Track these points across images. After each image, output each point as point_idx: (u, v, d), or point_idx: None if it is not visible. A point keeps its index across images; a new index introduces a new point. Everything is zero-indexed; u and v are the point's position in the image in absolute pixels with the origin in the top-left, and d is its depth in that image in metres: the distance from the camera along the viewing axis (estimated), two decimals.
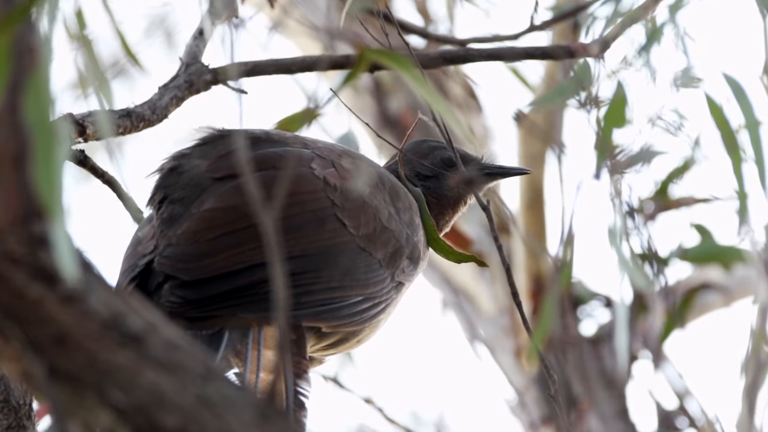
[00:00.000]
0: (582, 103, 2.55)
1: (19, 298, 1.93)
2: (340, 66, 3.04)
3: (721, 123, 2.58)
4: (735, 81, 2.61)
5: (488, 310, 5.89)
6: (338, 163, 2.79)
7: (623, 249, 2.43)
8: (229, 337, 2.63)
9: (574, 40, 4.77)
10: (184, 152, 2.80)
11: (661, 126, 2.70)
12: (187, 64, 3.16)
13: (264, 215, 2.03)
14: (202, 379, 1.96)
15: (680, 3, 2.62)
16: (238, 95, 3.09)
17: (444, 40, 3.82)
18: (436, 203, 3.00)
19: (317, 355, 2.83)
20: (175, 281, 2.63)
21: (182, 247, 2.66)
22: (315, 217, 2.71)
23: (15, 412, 2.88)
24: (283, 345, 2.46)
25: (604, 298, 5.83)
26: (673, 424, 5.55)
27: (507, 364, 5.84)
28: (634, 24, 2.73)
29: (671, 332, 5.35)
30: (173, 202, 2.73)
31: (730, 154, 2.55)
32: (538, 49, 3.19)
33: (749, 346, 3.00)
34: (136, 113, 3.06)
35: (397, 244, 2.81)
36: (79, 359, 1.94)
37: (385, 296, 2.79)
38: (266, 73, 3.16)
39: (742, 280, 5.70)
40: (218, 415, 1.95)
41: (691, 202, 5.40)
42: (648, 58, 2.56)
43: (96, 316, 1.95)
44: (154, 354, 1.95)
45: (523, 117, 5.21)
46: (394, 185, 2.88)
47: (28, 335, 1.93)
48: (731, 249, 5.28)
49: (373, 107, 5.91)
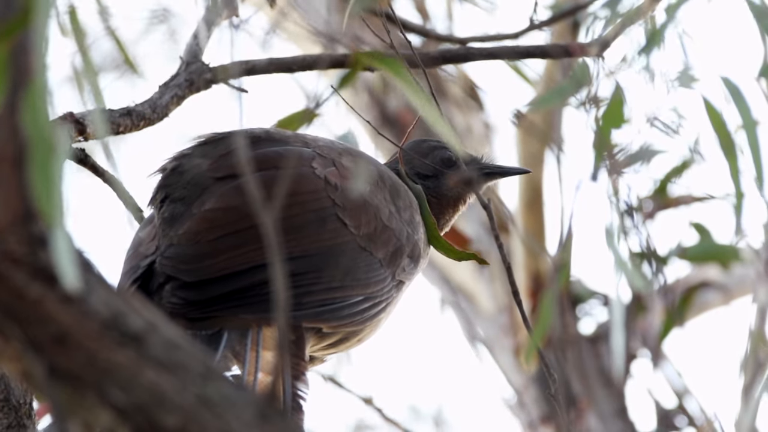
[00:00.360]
0: (581, 102, 2.56)
1: (19, 297, 1.93)
2: (340, 65, 3.04)
3: (718, 126, 2.59)
4: (732, 83, 2.61)
5: (487, 309, 5.89)
6: (339, 162, 2.78)
7: (620, 249, 2.43)
8: (228, 337, 2.63)
9: (573, 39, 4.78)
10: (186, 152, 2.79)
11: (660, 125, 2.70)
12: (188, 63, 3.16)
13: (264, 215, 2.03)
14: (203, 378, 1.96)
15: (679, 3, 2.62)
16: (238, 94, 3.09)
17: (444, 39, 3.82)
18: (436, 203, 3.00)
19: (318, 354, 2.83)
20: (176, 282, 2.63)
21: (183, 247, 2.65)
22: (316, 217, 2.70)
23: (15, 411, 2.88)
24: (282, 346, 2.45)
25: (603, 296, 5.83)
26: (672, 422, 5.55)
27: (506, 363, 5.84)
28: (633, 24, 2.73)
29: (670, 331, 5.35)
30: (174, 201, 2.73)
31: (727, 157, 2.55)
32: (538, 48, 3.19)
33: (748, 345, 3.00)
34: (136, 112, 3.06)
35: (398, 242, 2.80)
36: (79, 359, 1.94)
37: (386, 295, 2.78)
38: (266, 72, 3.16)
39: (741, 279, 5.70)
40: (218, 415, 1.95)
41: (689, 201, 5.40)
42: (647, 59, 2.57)
43: (96, 316, 1.95)
44: (154, 353, 1.95)
45: (522, 117, 5.21)
46: (395, 183, 2.88)
47: (28, 335, 1.93)
48: (730, 248, 5.28)
49: (372, 106, 5.91)
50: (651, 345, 5.42)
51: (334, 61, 3.07)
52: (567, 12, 3.56)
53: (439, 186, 3.01)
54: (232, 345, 2.63)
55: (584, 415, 5.66)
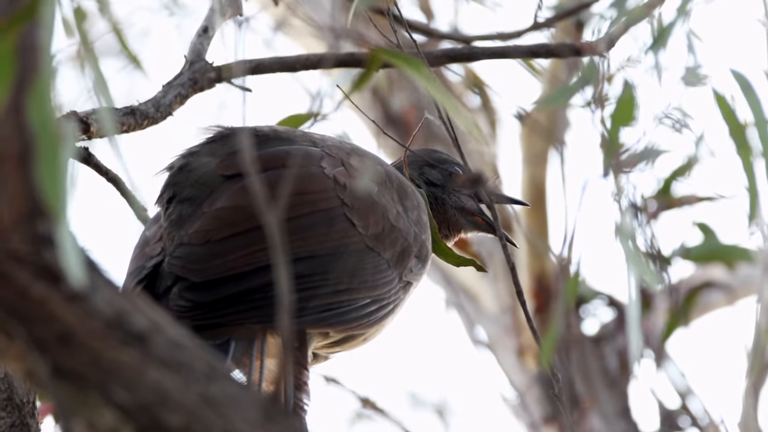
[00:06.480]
0: (587, 101, 2.55)
1: (23, 296, 1.93)
2: (345, 64, 3.04)
3: (729, 117, 2.57)
4: (742, 76, 2.60)
5: (490, 309, 5.88)
6: (347, 162, 2.76)
7: (632, 246, 2.42)
8: (236, 347, 2.61)
9: (577, 38, 4.77)
10: (193, 150, 2.77)
11: (667, 124, 2.69)
12: (192, 62, 3.15)
13: (270, 215, 2.02)
14: (207, 378, 1.96)
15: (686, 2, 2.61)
16: (243, 93, 3.08)
17: (448, 38, 3.81)
18: (441, 211, 2.99)
19: (323, 352, 2.82)
20: (185, 283, 2.60)
21: (193, 247, 2.63)
22: (325, 217, 2.67)
23: (18, 410, 2.88)
24: (285, 354, 2.43)
25: (607, 297, 5.83)
26: (676, 423, 5.55)
27: (509, 364, 5.83)
28: (640, 22, 2.72)
29: (674, 331, 5.34)
30: (182, 201, 2.70)
31: (739, 148, 2.54)
32: (543, 47, 3.18)
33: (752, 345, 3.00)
34: (140, 111, 3.05)
35: (405, 243, 2.78)
36: (83, 358, 1.93)
37: (393, 297, 2.76)
38: (270, 71, 3.15)
39: (745, 279, 5.70)
40: (222, 414, 1.94)
41: (694, 201, 5.40)
42: (655, 57, 2.56)
43: (100, 315, 1.94)
44: (158, 353, 1.95)
45: (527, 116, 5.21)
46: (402, 183, 2.87)
47: (32, 334, 1.93)
48: (734, 248, 5.28)
49: (375, 106, 5.91)
50: (655, 345, 5.41)
51: (339, 60, 3.06)
52: (571, 10, 3.56)
53: (443, 198, 3.00)
54: (239, 355, 2.61)
55: (587, 415, 5.66)
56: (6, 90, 1.89)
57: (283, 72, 3.16)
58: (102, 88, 2.03)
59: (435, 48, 3.61)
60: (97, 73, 2.03)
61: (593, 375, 5.73)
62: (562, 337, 2.43)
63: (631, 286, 2.37)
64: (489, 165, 5.84)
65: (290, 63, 3.15)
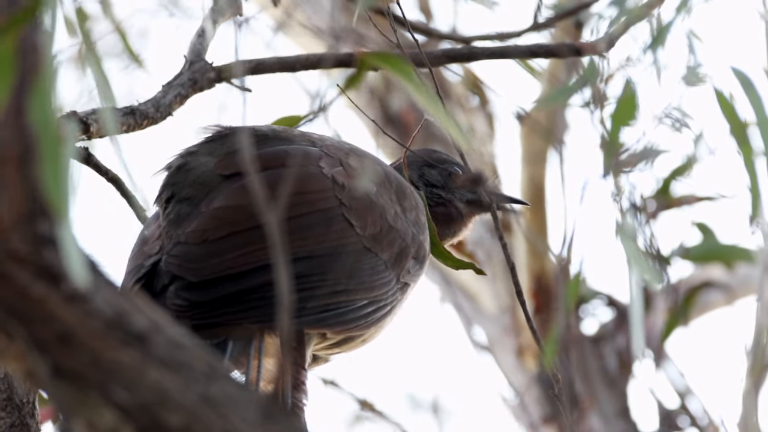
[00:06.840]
0: (587, 101, 2.55)
1: (23, 296, 1.93)
2: (344, 64, 3.03)
3: (730, 115, 2.57)
4: (743, 74, 2.59)
5: (489, 309, 5.88)
6: (346, 162, 2.76)
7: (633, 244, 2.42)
8: (233, 347, 2.61)
9: (577, 38, 4.77)
10: (192, 149, 2.77)
11: (666, 124, 2.69)
12: (191, 62, 3.15)
13: (269, 215, 2.02)
14: (206, 378, 1.96)
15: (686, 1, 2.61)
16: (242, 93, 3.08)
17: (448, 38, 3.81)
18: (441, 211, 2.99)
19: (322, 353, 2.81)
20: (181, 282, 2.60)
21: (191, 246, 2.62)
22: (323, 217, 2.67)
23: (18, 410, 2.88)
24: (284, 354, 2.43)
25: (606, 297, 5.83)
26: (675, 423, 5.55)
27: (508, 364, 5.83)
28: (639, 21, 2.72)
29: (673, 331, 5.35)
30: (180, 201, 2.70)
31: (741, 147, 2.54)
32: (543, 47, 3.18)
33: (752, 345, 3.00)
34: (139, 111, 3.05)
35: (403, 243, 2.78)
36: (83, 358, 1.93)
37: (391, 298, 2.75)
38: (270, 71, 3.15)
39: (744, 279, 5.70)
40: (222, 414, 1.94)
41: (693, 201, 5.40)
42: (655, 56, 2.56)
43: (100, 315, 1.94)
44: (158, 353, 1.95)
45: (526, 115, 5.21)
46: (401, 184, 2.86)
47: (32, 334, 1.93)
48: (733, 247, 5.29)
49: (374, 106, 5.91)
50: (654, 345, 5.42)
51: (339, 60, 3.06)
52: (571, 11, 3.55)
53: (445, 196, 3.00)
54: (236, 355, 2.61)
55: (586, 415, 5.66)
56: (6, 92, 1.89)
57: (283, 72, 3.17)
58: (105, 89, 2.03)
59: (434, 48, 3.60)
60: (99, 73, 2.03)
61: (592, 375, 5.73)
62: (561, 337, 2.43)
63: (633, 284, 2.37)
64: (488, 165, 5.84)
65: (290, 63, 3.15)
